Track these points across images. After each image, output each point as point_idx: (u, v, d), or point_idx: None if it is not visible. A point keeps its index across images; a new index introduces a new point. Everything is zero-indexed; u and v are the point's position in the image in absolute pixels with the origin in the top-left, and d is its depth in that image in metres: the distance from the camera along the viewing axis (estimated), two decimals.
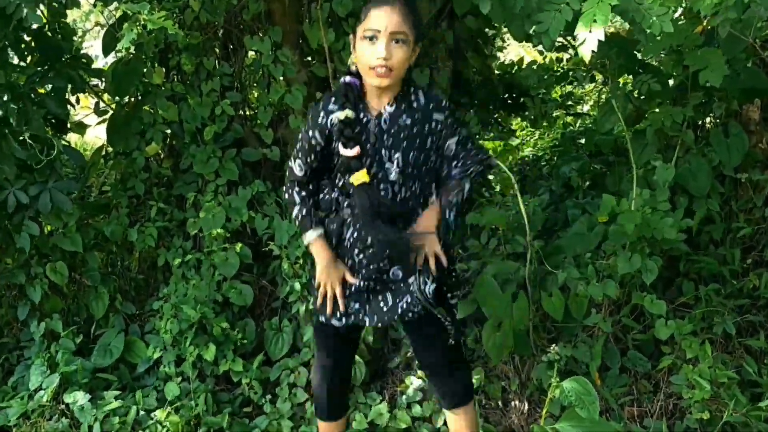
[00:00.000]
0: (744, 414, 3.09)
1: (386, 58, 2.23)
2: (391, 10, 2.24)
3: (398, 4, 2.26)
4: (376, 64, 2.24)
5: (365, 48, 2.27)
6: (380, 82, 2.28)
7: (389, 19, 2.23)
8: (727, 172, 3.76)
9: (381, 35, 2.24)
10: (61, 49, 3.62)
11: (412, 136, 2.37)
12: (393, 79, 2.30)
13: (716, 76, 3.21)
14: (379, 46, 2.23)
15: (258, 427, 3.34)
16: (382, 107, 2.39)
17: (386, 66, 2.24)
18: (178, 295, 3.65)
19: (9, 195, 3.48)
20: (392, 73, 2.26)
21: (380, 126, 2.38)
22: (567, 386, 2.07)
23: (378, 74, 2.26)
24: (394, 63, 2.25)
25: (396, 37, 2.24)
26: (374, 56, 2.24)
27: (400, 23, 2.24)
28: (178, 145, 4.15)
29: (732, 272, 3.77)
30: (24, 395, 3.50)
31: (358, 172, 2.34)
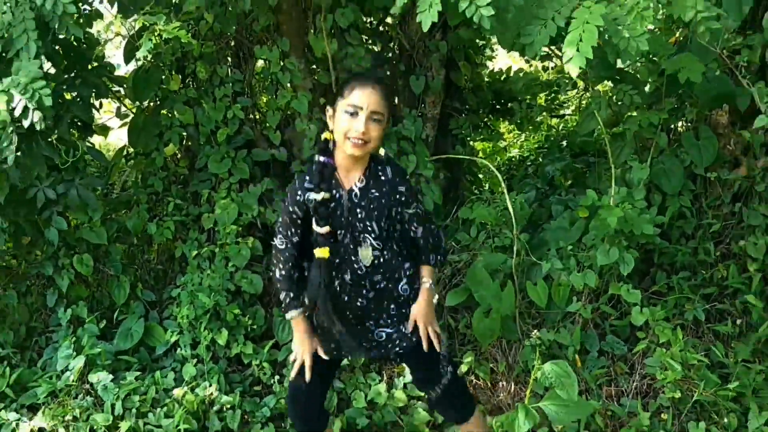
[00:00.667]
0: (713, 394, 3.09)
1: (364, 133, 2.23)
2: (372, 91, 2.24)
3: (378, 86, 2.27)
4: (353, 135, 2.24)
5: (346, 121, 2.25)
6: (354, 151, 2.26)
7: (370, 99, 2.23)
8: (698, 172, 3.76)
9: (362, 112, 2.23)
10: (86, 58, 3.60)
11: (382, 206, 2.36)
12: (365, 152, 2.30)
13: (695, 74, 3.21)
14: (359, 122, 2.23)
15: (267, 405, 3.33)
16: (352, 183, 2.38)
17: (362, 139, 2.24)
18: (194, 284, 3.63)
19: (38, 192, 3.47)
20: (367, 146, 2.26)
21: (352, 200, 2.37)
22: (548, 369, 2.06)
23: (354, 144, 2.25)
24: (370, 138, 2.25)
25: (375, 116, 2.24)
26: (354, 129, 2.23)
27: (380, 103, 2.24)
28: (194, 146, 4.14)
29: (702, 263, 3.77)
30: (52, 375, 3.49)
31: (321, 248, 2.34)
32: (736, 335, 3.54)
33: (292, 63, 3.89)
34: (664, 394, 3.15)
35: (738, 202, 3.76)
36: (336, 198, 2.36)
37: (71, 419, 3.23)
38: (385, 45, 4.41)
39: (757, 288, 3.56)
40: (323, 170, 2.35)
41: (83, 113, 3.52)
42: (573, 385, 2.07)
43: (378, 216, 2.36)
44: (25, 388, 3.53)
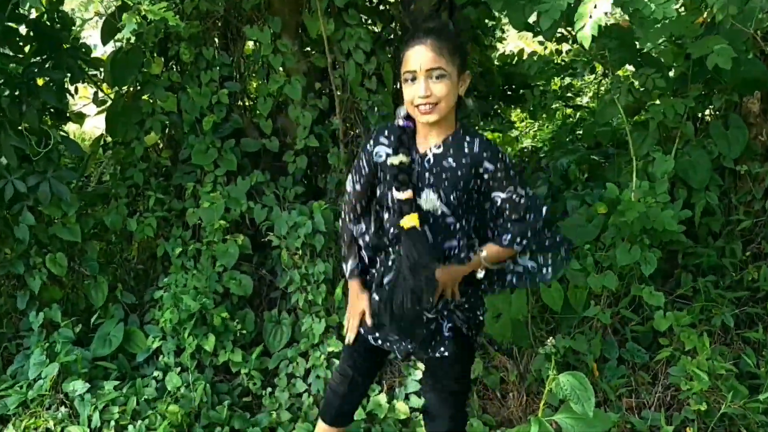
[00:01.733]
0: (742, 406, 3.09)
1: (427, 95, 2.20)
2: (423, 49, 2.21)
3: (429, 40, 2.22)
4: (418, 103, 2.22)
5: (407, 89, 2.25)
6: (426, 118, 2.24)
7: (423, 58, 2.20)
8: (726, 165, 3.77)
9: (418, 74, 2.21)
10: (59, 38, 3.60)
11: (456, 177, 2.30)
12: (440, 114, 2.24)
13: (724, 59, 3.20)
14: (419, 86, 2.21)
15: (258, 425, 3.32)
16: (428, 148, 2.35)
17: (429, 102, 2.21)
18: (178, 286, 3.63)
19: (7, 185, 3.47)
20: (436, 107, 2.22)
21: (423, 165, 2.34)
22: (563, 380, 2.06)
23: (423, 111, 2.23)
24: (436, 98, 2.21)
25: (432, 73, 2.20)
26: (416, 95, 2.22)
27: (435, 59, 2.19)
28: (177, 135, 4.15)
29: (731, 264, 3.77)
30: (23, 384, 3.48)
31: (409, 215, 2.30)
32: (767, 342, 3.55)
33: (285, 44, 3.89)
34: (689, 407, 3.16)
35: None
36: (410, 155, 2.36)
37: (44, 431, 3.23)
38: (385, 25, 4.41)
39: None
40: (401, 135, 2.36)
41: (56, 99, 3.51)
42: (590, 398, 2.06)
43: (448, 187, 2.30)
44: None
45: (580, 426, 2.19)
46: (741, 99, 3.79)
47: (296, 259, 3.64)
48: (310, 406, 3.35)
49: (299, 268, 3.63)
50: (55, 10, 3.69)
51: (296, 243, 3.62)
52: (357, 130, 4.07)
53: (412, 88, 2.22)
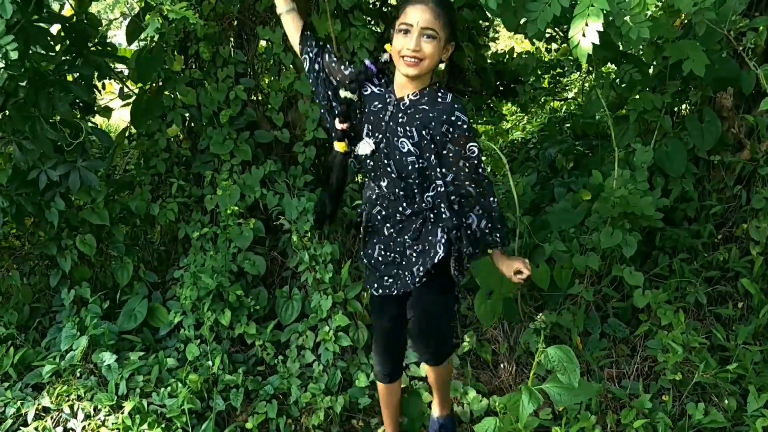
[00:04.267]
0: (713, 376, 3.10)
1: (416, 50, 2.24)
2: (423, 8, 2.25)
3: (431, 3, 2.26)
4: (406, 54, 2.25)
5: (399, 39, 2.28)
6: (408, 71, 2.28)
7: (421, 16, 2.24)
8: (701, 155, 3.76)
9: (413, 29, 2.24)
10: (87, 38, 3.59)
11: (428, 118, 2.33)
12: (421, 71, 2.29)
13: (698, 65, 3.20)
14: (411, 39, 2.24)
15: (271, 384, 3.35)
16: (405, 95, 2.39)
17: (416, 56, 2.25)
18: (197, 265, 3.64)
19: (41, 174, 3.47)
20: (420, 64, 2.26)
21: (398, 107, 2.38)
22: (551, 353, 2.07)
23: (407, 63, 2.27)
24: (423, 55, 2.25)
25: (426, 32, 2.24)
26: (405, 47, 2.25)
27: (431, 20, 2.24)
28: (196, 128, 4.13)
29: (704, 246, 3.78)
30: (56, 355, 3.50)
31: (340, 142, 2.45)
32: (737, 318, 3.55)
33: None
34: (665, 376, 3.17)
35: (741, 185, 3.76)
36: (385, 99, 2.42)
37: (75, 398, 3.25)
38: (387, 26, 4.39)
39: (759, 271, 3.57)
40: (360, 73, 2.44)
41: (85, 94, 3.50)
42: (575, 370, 2.08)
43: (420, 125, 2.33)
44: (29, 368, 3.55)
45: (565, 394, 2.20)
46: (715, 94, 3.77)
47: (305, 241, 3.65)
48: (319, 374, 3.37)
49: (308, 249, 3.63)
50: (83, 12, 3.68)
51: (305, 226, 3.62)
52: None
53: (403, 39, 2.26)
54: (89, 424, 3.13)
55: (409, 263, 2.51)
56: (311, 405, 3.24)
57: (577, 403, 2.97)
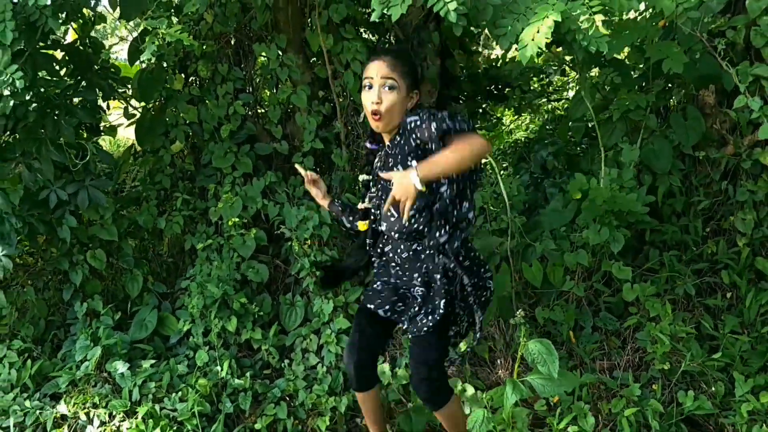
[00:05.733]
0: (700, 364, 3.21)
1: (378, 101, 2.38)
2: (380, 62, 2.40)
3: (387, 56, 2.42)
4: (371, 109, 2.40)
5: (365, 95, 2.44)
6: (378, 126, 2.45)
7: (379, 68, 2.39)
8: (686, 151, 3.86)
9: (374, 82, 2.40)
10: (91, 61, 3.74)
11: (402, 147, 2.45)
12: (386, 125, 2.44)
13: (677, 64, 3.32)
14: (373, 92, 2.40)
15: (278, 387, 3.48)
16: (389, 140, 2.54)
17: (378, 110, 2.39)
18: (203, 275, 3.79)
19: (51, 193, 3.62)
20: (382, 118, 2.40)
21: (387, 153, 2.53)
22: (531, 346, 2.19)
23: (374, 119, 2.43)
24: (384, 107, 2.38)
25: (386, 82, 2.38)
26: (369, 100, 2.40)
27: (389, 71, 2.38)
28: (199, 143, 4.29)
29: (693, 240, 3.88)
30: (71, 366, 3.64)
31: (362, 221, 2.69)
32: (725, 308, 3.66)
33: (290, 59, 4.02)
34: (654, 366, 3.28)
35: (726, 179, 3.86)
36: (380, 157, 2.62)
37: (91, 406, 3.39)
38: (380, 36, 4.53)
39: (745, 262, 3.68)
40: (368, 155, 2.68)
41: (89, 117, 3.64)
42: (554, 362, 2.20)
43: (402, 158, 2.43)
44: (46, 379, 3.69)
45: (549, 385, 2.32)
46: (698, 92, 3.88)
47: (306, 248, 3.78)
48: (323, 375, 3.50)
49: (309, 256, 3.76)
50: (86, 36, 3.84)
51: (305, 234, 3.76)
52: (357, 132, 4.19)
53: (367, 94, 2.42)
54: (105, 429, 3.27)
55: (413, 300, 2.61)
56: (317, 406, 3.37)
57: (569, 394, 3.10)
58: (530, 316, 3.69)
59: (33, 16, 2.95)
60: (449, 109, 4.65)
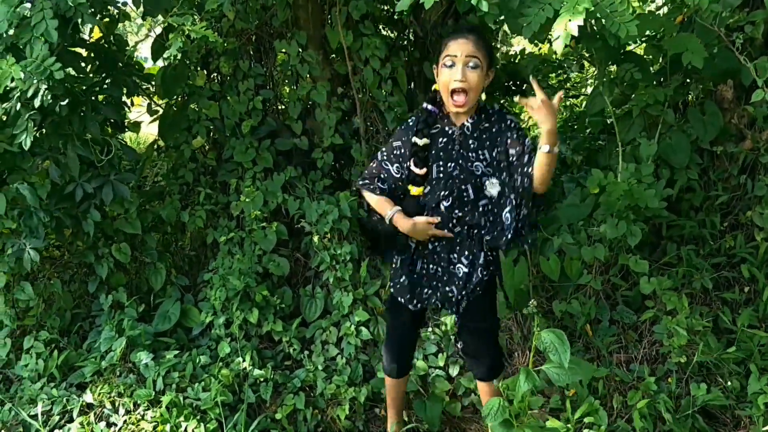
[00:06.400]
0: (717, 357, 3.23)
1: (463, 80, 2.40)
2: (465, 40, 2.43)
3: (471, 35, 2.45)
4: (455, 87, 2.42)
5: (445, 73, 2.44)
6: (457, 109, 2.47)
7: (464, 47, 2.41)
8: (704, 146, 3.87)
9: (458, 60, 2.41)
10: (115, 59, 3.81)
11: (493, 135, 2.50)
12: (468, 105, 2.46)
13: (697, 57, 3.33)
14: (456, 70, 2.41)
15: (298, 377, 3.55)
16: (463, 121, 2.56)
17: (463, 89, 2.41)
18: (225, 268, 3.86)
19: (77, 188, 3.70)
20: (468, 96, 2.43)
21: (464, 133, 2.55)
22: (544, 336, 2.22)
23: (455, 103, 2.44)
24: (470, 85, 2.41)
25: (470, 61, 2.41)
26: (453, 78, 2.41)
27: (474, 50, 2.42)
28: (220, 138, 4.35)
29: (711, 234, 3.89)
30: (97, 356, 3.72)
31: (418, 187, 2.60)
32: (743, 302, 3.67)
33: (310, 55, 4.08)
34: (671, 359, 3.31)
35: (744, 174, 3.87)
36: (448, 133, 2.57)
37: (116, 395, 3.48)
38: (399, 33, 4.57)
39: (763, 256, 3.68)
40: (428, 118, 2.60)
41: (115, 113, 3.71)
42: (566, 351, 2.22)
43: (489, 145, 2.50)
44: (72, 369, 3.78)
45: (564, 374, 2.36)
46: (716, 87, 3.89)
47: (326, 242, 3.84)
48: (343, 366, 3.56)
49: (329, 249, 3.82)
50: (111, 34, 3.91)
51: (325, 228, 3.82)
52: (376, 127, 4.24)
53: (449, 72, 2.42)
54: (130, 418, 3.35)
55: (451, 278, 2.66)
56: (336, 396, 3.43)
57: (584, 387, 3.13)
58: (548, 309, 3.72)
59: (68, 13, 3.00)
60: None
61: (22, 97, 2.95)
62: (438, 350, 3.62)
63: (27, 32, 2.92)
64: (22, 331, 4.02)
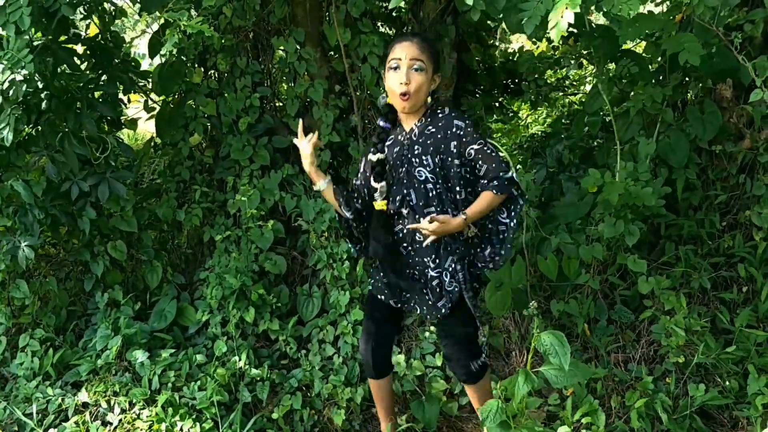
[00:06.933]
0: (715, 357, 3.22)
1: (407, 82, 2.42)
2: (409, 43, 2.45)
3: (416, 38, 2.48)
4: (399, 91, 2.44)
5: (391, 76, 2.47)
6: (404, 106, 2.48)
7: (408, 49, 2.44)
8: (702, 145, 3.85)
9: (402, 63, 2.44)
10: (112, 56, 3.79)
11: (437, 140, 2.50)
12: (414, 105, 2.49)
13: (693, 56, 3.31)
14: (401, 73, 2.44)
15: (294, 377, 3.53)
16: (412, 125, 2.57)
17: (407, 90, 2.43)
18: (222, 266, 3.85)
19: (73, 185, 3.68)
20: (412, 98, 2.45)
21: (410, 138, 2.56)
22: (544, 338, 2.21)
23: (402, 99, 2.46)
24: (413, 87, 2.43)
25: (415, 64, 2.43)
26: (397, 81, 2.44)
27: (418, 53, 2.44)
28: (217, 136, 4.34)
29: (709, 234, 3.88)
30: (92, 354, 3.70)
31: (380, 201, 2.59)
32: (741, 302, 3.66)
33: (308, 52, 4.06)
34: (668, 359, 3.30)
35: (743, 173, 3.86)
36: (399, 141, 2.59)
37: (112, 394, 3.46)
38: (398, 30, 4.55)
39: (762, 256, 3.67)
40: (380, 133, 2.62)
41: (110, 110, 3.69)
42: (566, 353, 2.21)
43: (434, 150, 2.50)
44: (68, 367, 3.77)
45: (562, 376, 2.34)
46: (715, 86, 3.87)
47: (323, 240, 3.83)
48: (339, 366, 3.54)
49: (326, 248, 3.81)
50: (107, 31, 3.89)
51: (322, 227, 3.80)
52: (373, 125, 4.21)
53: (394, 75, 2.45)
54: (125, 417, 3.33)
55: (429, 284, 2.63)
56: (333, 396, 3.41)
57: (582, 386, 3.12)
58: (545, 308, 3.71)
59: (47, 3, 2.96)
60: (464, 102, 4.69)
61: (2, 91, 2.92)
62: (435, 350, 3.60)
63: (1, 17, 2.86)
64: (17, 329, 4.01)
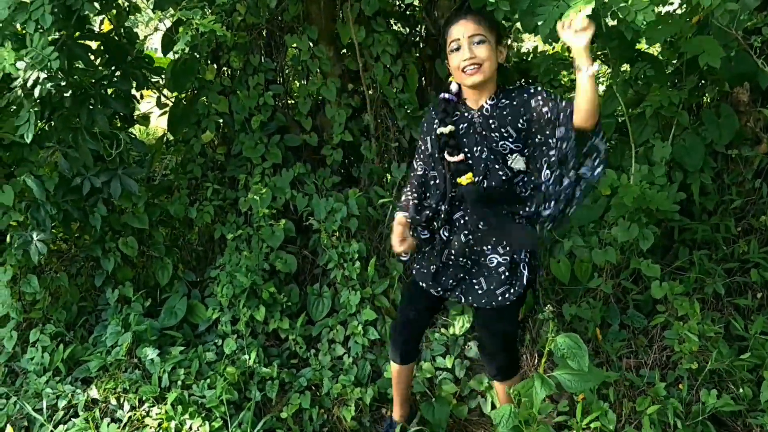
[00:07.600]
0: (729, 364, 3.19)
1: (471, 57, 2.36)
2: (464, 21, 2.39)
3: (469, 14, 2.43)
4: (464, 65, 2.37)
5: (454, 57, 2.41)
6: (474, 78, 2.38)
7: (465, 28, 2.38)
8: (718, 149, 3.82)
9: (462, 42, 2.37)
10: (125, 52, 3.79)
11: (515, 108, 2.41)
12: (484, 75, 2.39)
13: (714, 58, 3.28)
14: (464, 51, 2.37)
15: (304, 376, 3.53)
16: (481, 104, 2.49)
17: (474, 63, 2.36)
18: (232, 264, 3.84)
19: (84, 181, 3.68)
20: (480, 68, 2.37)
21: (483, 114, 2.48)
22: (560, 341, 2.19)
23: (468, 73, 2.38)
24: (480, 59, 2.36)
25: (474, 39, 2.37)
26: (462, 59, 2.37)
27: (475, 27, 2.37)
28: (230, 133, 4.32)
29: (724, 239, 3.84)
30: (102, 351, 3.71)
31: (465, 174, 2.50)
32: (756, 308, 3.62)
33: (321, 50, 4.04)
34: (681, 365, 3.26)
35: (759, 178, 3.82)
36: (467, 118, 2.51)
37: (121, 391, 3.46)
38: (411, 29, 4.52)
39: None
40: (446, 106, 2.53)
41: (123, 106, 3.69)
42: (584, 356, 2.18)
43: (512, 120, 2.41)
44: (77, 363, 3.78)
45: (576, 380, 2.32)
46: (732, 89, 3.83)
47: (334, 240, 3.81)
48: (349, 366, 3.54)
49: (337, 247, 3.80)
50: (121, 27, 3.88)
51: (334, 226, 3.79)
52: (386, 124, 4.20)
53: (458, 55, 2.38)
54: (134, 414, 3.33)
55: (480, 270, 2.61)
56: (342, 396, 3.41)
57: (594, 391, 3.10)
58: (557, 312, 3.69)
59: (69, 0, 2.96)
60: None
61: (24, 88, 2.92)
62: (445, 352, 3.59)
63: (23, 15, 2.86)
64: (28, 324, 4.01)
